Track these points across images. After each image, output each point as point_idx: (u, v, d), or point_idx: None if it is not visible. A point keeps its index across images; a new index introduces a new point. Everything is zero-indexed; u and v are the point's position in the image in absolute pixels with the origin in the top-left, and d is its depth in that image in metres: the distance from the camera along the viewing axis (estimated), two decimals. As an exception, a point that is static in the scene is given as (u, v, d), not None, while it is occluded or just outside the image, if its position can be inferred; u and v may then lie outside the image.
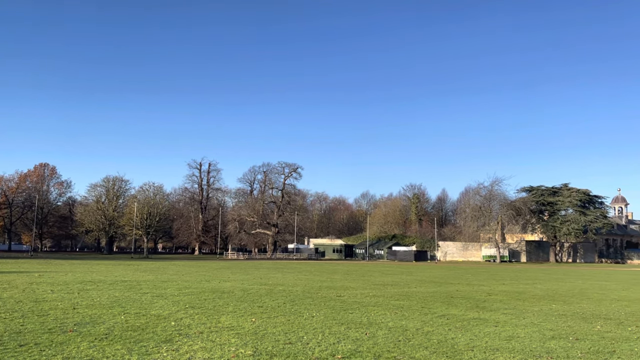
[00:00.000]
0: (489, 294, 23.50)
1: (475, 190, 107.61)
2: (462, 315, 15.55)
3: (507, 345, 10.95)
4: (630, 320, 15.46)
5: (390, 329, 12.53)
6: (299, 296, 20.21)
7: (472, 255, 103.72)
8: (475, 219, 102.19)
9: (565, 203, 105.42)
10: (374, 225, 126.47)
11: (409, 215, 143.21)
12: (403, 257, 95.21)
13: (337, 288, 24.76)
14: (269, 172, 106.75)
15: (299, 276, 34.41)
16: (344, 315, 14.92)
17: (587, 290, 27.64)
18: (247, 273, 36.92)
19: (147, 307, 15.62)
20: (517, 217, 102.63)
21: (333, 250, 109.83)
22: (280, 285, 25.93)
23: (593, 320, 15.39)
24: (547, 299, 22.09)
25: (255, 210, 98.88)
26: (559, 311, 17.48)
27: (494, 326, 13.53)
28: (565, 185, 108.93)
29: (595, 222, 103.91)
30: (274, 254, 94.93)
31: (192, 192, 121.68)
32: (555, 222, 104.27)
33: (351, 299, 19.49)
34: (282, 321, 13.44)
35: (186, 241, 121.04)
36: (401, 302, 19.03)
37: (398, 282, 30.96)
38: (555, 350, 10.53)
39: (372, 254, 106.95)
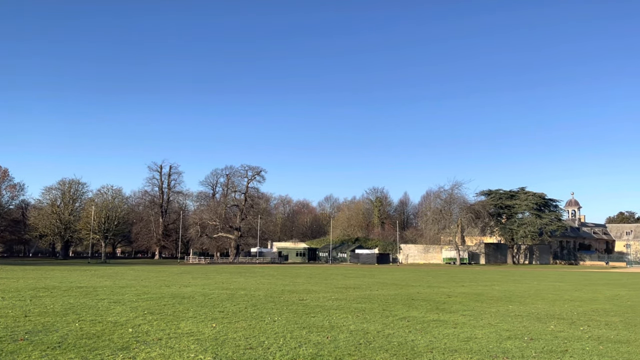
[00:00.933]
0: (449, 296, 23.94)
1: (436, 193, 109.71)
2: (422, 317, 15.77)
3: (465, 346, 11.16)
4: (582, 320, 16.02)
5: (351, 332, 12.59)
6: (261, 300, 20.07)
7: (433, 257, 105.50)
8: (436, 222, 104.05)
9: (522, 206, 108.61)
10: (337, 228, 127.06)
11: (371, 219, 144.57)
12: (366, 260, 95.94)
13: (299, 292, 24.72)
14: (231, 175, 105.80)
15: (262, 280, 34.19)
16: (306, 319, 14.90)
17: (542, 291, 28.51)
18: (208, 278, 36.42)
19: (103, 314, 15.19)
20: (476, 220, 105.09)
21: (296, 254, 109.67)
22: (242, 289, 25.69)
23: (547, 320, 15.87)
24: (504, 300, 22.66)
25: (217, 213, 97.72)
26: (515, 312, 17.96)
27: (453, 327, 13.78)
28: (522, 189, 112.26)
29: (550, 224, 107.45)
30: (236, 258, 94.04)
31: (152, 195, 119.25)
32: (513, 225, 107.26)
33: (313, 303, 19.49)
34: (243, 326, 13.30)
35: (146, 245, 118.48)
36: (363, 305, 19.16)
37: (360, 285, 31.16)
38: (510, 350, 10.81)
39: (336, 257, 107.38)
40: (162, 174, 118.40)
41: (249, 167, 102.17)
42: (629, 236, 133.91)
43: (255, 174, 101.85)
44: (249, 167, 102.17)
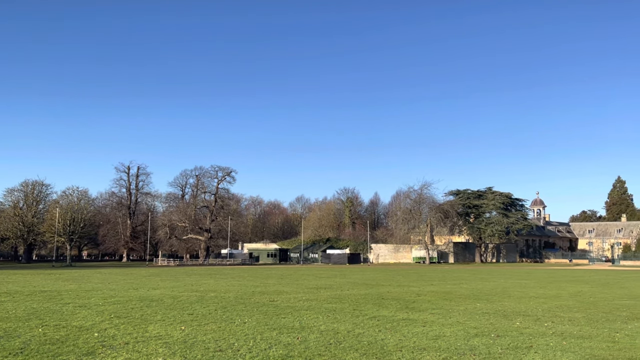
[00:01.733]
0: (418, 295, 24.22)
1: (405, 193, 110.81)
2: (392, 316, 15.91)
3: (434, 344, 11.31)
4: (546, 317, 16.44)
5: (322, 333, 12.61)
6: (231, 302, 19.90)
7: (403, 257, 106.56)
8: (406, 222, 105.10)
9: (490, 206, 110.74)
10: (308, 229, 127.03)
11: (342, 219, 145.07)
12: (337, 260, 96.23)
13: (270, 293, 24.62)
14: (201, 175, 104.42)
15: (232, 282, 33.92)
16: (277, 320, 14.85)
17: (509, 289, 29.13)
18: (177, 280, 35.92)
19: (68, 319, 14.81)
20: (445, 219, 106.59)
21: (267, 255, 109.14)
22: (212, 291, 25.43)
23: (513, 317, 16.23)
24: (472, 298, 23.06)
25: (187, 215, 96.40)
26: (483, 309, 18.30)
27: (422, 326, 13.95)
28: (489, 189, 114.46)
29: (517, 223, 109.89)
30: (206, 260, 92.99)
31: (119, 197, 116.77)
32: (480, 224, 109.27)
33: (284, 304, 19.44)
34: (212, 328, 13.17)
35: (113, 248, 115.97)
36: (334, 305, 19.21)
37: (331, 285, 31.24)
38: (478, 347, 11.01)
39: (307, 258, 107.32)
40: (129, 175, 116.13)
41: (219, 168, 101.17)
42: (591, 234, 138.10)
43: (226, 174, 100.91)
44: (219, 168, 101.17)
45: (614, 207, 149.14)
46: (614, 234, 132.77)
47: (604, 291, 28.14)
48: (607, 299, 23.05)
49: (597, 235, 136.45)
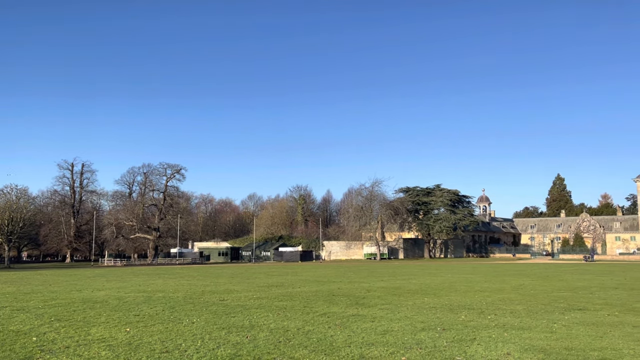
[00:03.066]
0: (368, 291, 24.53)
1: (357, 191, 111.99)
2: (342, 313, 16.04)
3: (382, 339, 11.48)
4: (490, 309, 17.02)
5: (271, 331, 12.55)
6: (179, 302, 19.50)
7: (355, 253, 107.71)
8: (358, 219, 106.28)
9: (438, 203, 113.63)
10: (261, 226, 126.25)
11: (295, 216, 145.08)
12: (289, 258, 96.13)
13: (220, 292, 24.30)
14: (149, 173, 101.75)
15: (181, 281, 33.25)
16: (226, 319, 14.67)
17: (455, 283, 29.97)
18: (124, 280, 34.87)
19: (4, 323, 14.09)
20: (395, 216, 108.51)
21: (219, 254, 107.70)
22: (160, 291, 24.84)
23: (459, 310, 16.70)
24: (420, 293, 23.58)
25: (134, 213, 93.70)
26: (430, 304, 18.74)
27: (371, 321, 14.13)
28: (438, 186, 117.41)
29: (464, 220, 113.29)
30: (155, 260, 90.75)
31: (62, 195, 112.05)
32: (429, 220, 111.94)
33: (234, 303, 19.23)
34: (159, 329, 12.86)
35: (56, 248, 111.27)
36: (284, 302, 19.17)
37: (283, 283, 31.17)
38: (424, 341, 11.26)
39: (259, 256, 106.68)
40: (73, 173, 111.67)
41: (168, 165, 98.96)
42: (533, 229, 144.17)
43: (175, 172, 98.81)
44: (168, 165, 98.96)
45: (554, 203, 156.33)
46: (553, 229, 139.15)
47: (544, 284, 29.42)
48: (546, 291, 24.12)
49: (539, 231, 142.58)
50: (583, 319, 14.73)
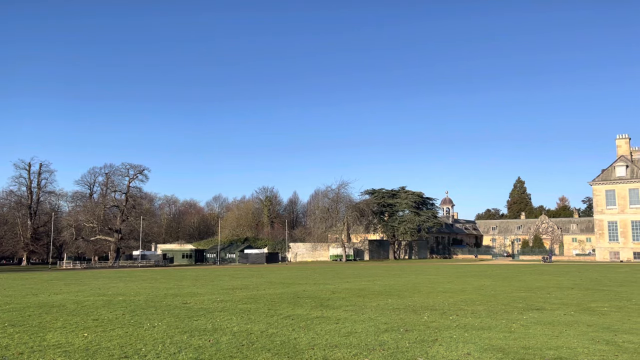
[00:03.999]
0: (333, 292, 24.59)
1: (324, 192, 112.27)
2: (306, 315, 16.02)
3: (346, 341, 11.52)
4: (452, 310, 17.30)
5: (234, 334, 12.42)
6: (140, 306, 19.08)
7: (321, 255, 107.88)
8: (324, 221, 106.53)
9: (403, 205, 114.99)
10: (226, 228, 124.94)
11: (261, 218, 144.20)
12: (255, 260, 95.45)
13: (183, 295, 23.92)
14: (111, 173, 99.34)
15: (143, 284, 32.57)
16: (189, 322, 14.44)
17: (419, 284, 30.37)
18: (83, 284, 33.91)
19: (-47, 330, 13.47)
20: (361, 218, 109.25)
21: (183, 256, 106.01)
22: (121, 295, 24.26)
23: (422, 311, 16.92)
24: (384, 294, 23.78)
25: (95, 215, 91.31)
26: (394, 305, 18.91)
27: (335, 323, 14.16)
28: (403, 188, 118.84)
29: (428, 221, 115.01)
30: (116, 262, 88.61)
31: (19, 196, 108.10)
32: (394, 222, 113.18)
33: (197, 306, 18.96)
34: (119, 334, 12.56)
35: (11, 251, 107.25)
36: (248, 305, 19.01)
37: (247, 285, 30.92)
38: (387, 342, 11.35)
39: (224, 258, 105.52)
40: (30, 173, 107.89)
41: (131, 166, 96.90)
42: (495, 231, 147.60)
43: (138, 172, 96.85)
44: (131, 166, 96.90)
45: (514, 205, 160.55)
46: (514, 230, 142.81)
47: (504, 284, 30.13)
48: (506, 292, 24.70)
49: (500, 232, 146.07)
50: (540, 318, 15.15)
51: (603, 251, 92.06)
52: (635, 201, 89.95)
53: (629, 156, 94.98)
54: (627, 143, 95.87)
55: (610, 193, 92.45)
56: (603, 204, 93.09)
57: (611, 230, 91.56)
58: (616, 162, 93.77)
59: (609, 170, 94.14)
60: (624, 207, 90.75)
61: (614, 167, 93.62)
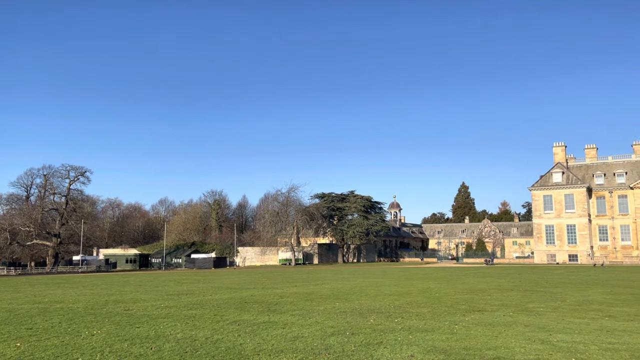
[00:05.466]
0: (281, 297, 24.47)
1: (274, 196, 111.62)
2: (253, 320, 15.84)
3: (292, 345, 11.47)
4: (397, 313, 17.58)
5: (178, 341, 12.12)
6: (79, 313, 18.30)
7: (270, 259, 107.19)
8: (273, 224, 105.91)
9: (352, 208, 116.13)
10: (172, 232, 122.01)
11: (209, 222, 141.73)
12: (202, 265, 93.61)
13: (126, 301, 23.13)
14: (50, 175, 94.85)
15: (83, 291, 31.28)
16: (130, 330, 13.97)
17: (366, 288, 30.71)
18: (17, 291, 32.19)
19: None
20: (311, 222, 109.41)
21: (126, 261, 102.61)
22: (58, 302, 23.20)
23: (368, 314, 17.10)
24: (332, 298, 23.89)
25: (32, 218, 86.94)
26: (341, 308, 19.02)
27: (282, 328, 14.08)
28: (352, 192, 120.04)
29: (376, 225, 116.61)
30: (55, 268, 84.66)
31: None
32: (343, 225, 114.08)
33: (140, 312, 18.38)
34: (54, 343, 11.98)
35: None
36: (194, 311, 18.61)
37: (193, 290, 30.29)
38: (333, 346, 11.39)
39: (170, 263, 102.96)
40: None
41: (72, 167, 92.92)
42: (440, 235, 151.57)
43: (79, 174, 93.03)
44: (72, 167, 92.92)
45: (459, 210, 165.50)
46: (458, 234, 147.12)
47: (448, 287, 30.94)
48: (450, 294, 25.37)
49: (445, 236, 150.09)
50: (481, 319, 15.64)
51: (541, 254, 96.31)
52: (570, 206, 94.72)
53: (565, 163, 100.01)
54: (564, 151, 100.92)
55: (547, 198, 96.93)
56: (541, 208, 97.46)
57: (548, 234, 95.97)
58: (553, 169, 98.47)
59: (546, 177, 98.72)
60: (560, 211, 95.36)
61: (551, 173, 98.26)
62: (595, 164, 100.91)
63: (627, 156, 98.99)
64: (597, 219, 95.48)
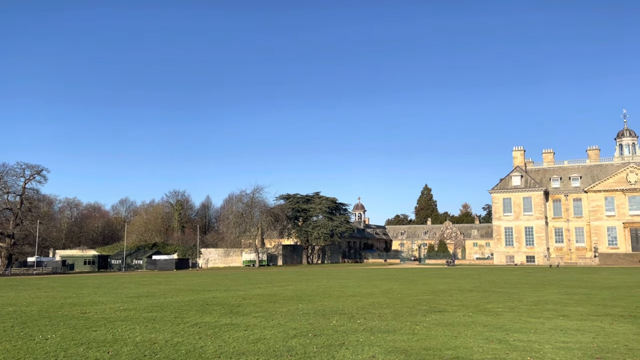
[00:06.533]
0: (244, 299, 24.27)
1: (238, 197, 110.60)
2: (215, 322, 15.65)
3: (254, 347, 11.38)
4: (360, 314, 17.69)
5: (137, 344, 11.85)
6: (33, 317, 17.67)
7: (234, 260, 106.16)
8: (238, 225, 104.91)
9: (317, 210, 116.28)
10: (133, 233, 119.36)
11: (172, 223, 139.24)
12: (164, 266, 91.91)
13: (83, 304, 22.48)
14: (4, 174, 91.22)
15: (38, 293, 30.22)
16: (86, 334, 13.58)
17: (330, 289, 30.78)
18: (-33, 294, 30.82)
19: None
20: (275, 223, 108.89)
21: (85, 262, 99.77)
22: (11, 305, 22.34)
23: (331, 316, 17.14)
24: (295, 299, 23.84)
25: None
26: (304, 310, 19.00)
27: (244, 330, 13.96)
28: (317, 194, 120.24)
29: (341, 226, 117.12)
30: (8, 270, 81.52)
31: None
32: (308, 227, 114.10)
33: (97, 315, 17.89)
34: (6, 348, 11.54)
35: None
36: (154, 314, 18.24)
37: (154, 292, 29.69)
38: (295, 347, 11.36)
39: (130, 264, 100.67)
40: None
41: (27, 166, 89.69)
42: (403, 236, 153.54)
43: (35, 173, 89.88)
44: (27, 166, 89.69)
45: (421, 211, 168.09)
46: (421, 235, 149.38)
47: (410, 287, 31.36)
48: (411, 295, 25.71)
49: (408, 237, 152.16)
50: (442, 320, 15.91)
51: (500, 255, 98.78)
52: (528, 209, 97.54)
53: (524, 167, 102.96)
54: (522, 155, 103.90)
55: (507, 201, 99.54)
56: (501, 211, 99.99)
57: (507, 236, 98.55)
58: (512, 173, 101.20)
59: (506, 180, 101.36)
60: (518, 214, 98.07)
61: (510, 177, 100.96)
62: (552, 168, 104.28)
63: (582, 161, 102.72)
64: (553, 221, 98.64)
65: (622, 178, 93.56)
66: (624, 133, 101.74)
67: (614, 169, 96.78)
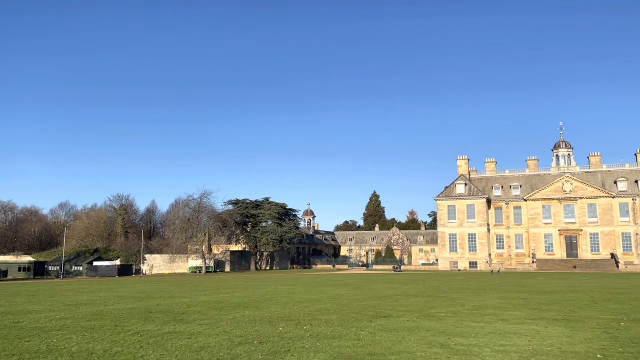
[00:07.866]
0: (189, 306, 23.75)
1: (185, 202, 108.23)
2: (157, 331, 15.22)
3: (197, 356, 11.14)
4: (307, 320, 17.67)
5: (73, 355, 11.35)
6: (-41, 328, 16.58)
7: (179, 267, 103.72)
8: (184, 231, 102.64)
9: (266, 216, 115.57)
10: (73, 239, 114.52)
11: (114, 228, 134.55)
12: (105, 273, 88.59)
13: (15, 313, 21.32)
14: None
15: (-34, 302, 28.40)
16: (19, 344, 12.88)
17: (278, 295, 30.61)
18: None
19: None
20: (224, 228, 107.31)
21: (19, 269, 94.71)
22: None
23: (278, 322, 17.04)
24: (242, 306, 23.54)
25: None
26: (251, 317, 18.80)
27: (188, 338, 13.65)
28: (267, 199, 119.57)
29: (290, 232, 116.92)
30: None
31: None
32: (257, 233, 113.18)
33: (31, 325, 17.01)
34: None
35: None
36: (93, 322, 17.53)
37: (94, 300, 28.55)
38: (240, 355, 11.21)
39: (70, 271, 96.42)
40: None
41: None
42: (352, 242, 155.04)
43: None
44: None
45: (370, 218, 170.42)
46: (369, 241, 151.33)
47: (357, 293, 31.65)
48: (358, 300, 25.96)
49: (357, 243, 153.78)
50: (387, 325, 16.14)
51: (445, 261, 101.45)
52: (471, 216, 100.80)
53: (468, 175, 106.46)
54: (467, 164, 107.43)
55: (451, 208, 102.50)
56: (446, 218, 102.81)
57: (452, 242, 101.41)
58: (457, 181, 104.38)
59: (451, 188, 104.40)
60: (462, 221, 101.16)
61: (455, 185, 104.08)
62: (494, 176, 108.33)
63: (522, 170, 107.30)
64: (495, 228, 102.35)
65: (558, 187, 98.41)
66: (560, 145, 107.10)
67: (551, 179, 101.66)
